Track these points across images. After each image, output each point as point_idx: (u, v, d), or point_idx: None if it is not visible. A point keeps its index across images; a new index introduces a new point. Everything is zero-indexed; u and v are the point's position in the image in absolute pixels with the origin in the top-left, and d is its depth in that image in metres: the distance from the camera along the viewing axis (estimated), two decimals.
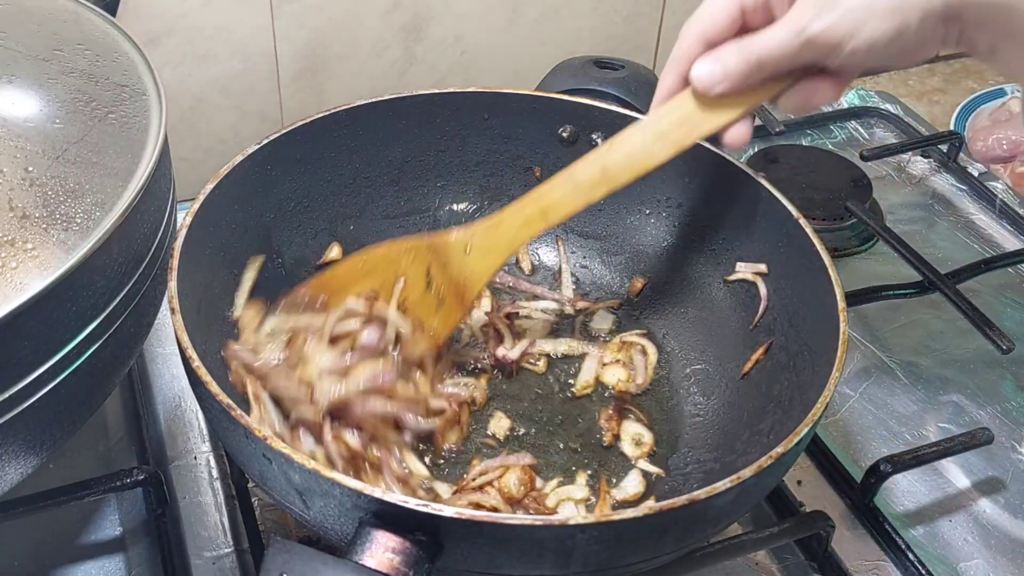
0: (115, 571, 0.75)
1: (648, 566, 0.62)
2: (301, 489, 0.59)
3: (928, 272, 0.96)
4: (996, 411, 0.90)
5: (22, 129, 0.66)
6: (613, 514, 0.56)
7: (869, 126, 1.25)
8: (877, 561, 0.77)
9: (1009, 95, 1.30)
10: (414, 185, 0.91)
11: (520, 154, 0.92)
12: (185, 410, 0.85)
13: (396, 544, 0.54)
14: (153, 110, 0.70)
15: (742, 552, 0.74)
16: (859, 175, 1.10)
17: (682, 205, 0.88)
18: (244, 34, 1.06)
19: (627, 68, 0.97)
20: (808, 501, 0.80)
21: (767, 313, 0.80)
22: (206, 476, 0.80)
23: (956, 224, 1.11)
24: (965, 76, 1.39)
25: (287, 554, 0.54)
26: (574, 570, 0.58)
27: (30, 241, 0.60)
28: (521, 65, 1.19)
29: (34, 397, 0.59)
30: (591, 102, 0.89)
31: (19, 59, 0.71)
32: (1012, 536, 0.80)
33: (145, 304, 0.68)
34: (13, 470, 0.64)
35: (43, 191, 0.63)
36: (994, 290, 1.01)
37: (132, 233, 0.64)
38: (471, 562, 0.58)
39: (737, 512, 0.65)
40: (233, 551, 0.75)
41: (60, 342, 0.60)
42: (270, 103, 1.13)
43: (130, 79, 0.72)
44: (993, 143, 1.22)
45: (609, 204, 0.92)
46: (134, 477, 0.74)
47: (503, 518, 0.57)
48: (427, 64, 1.17)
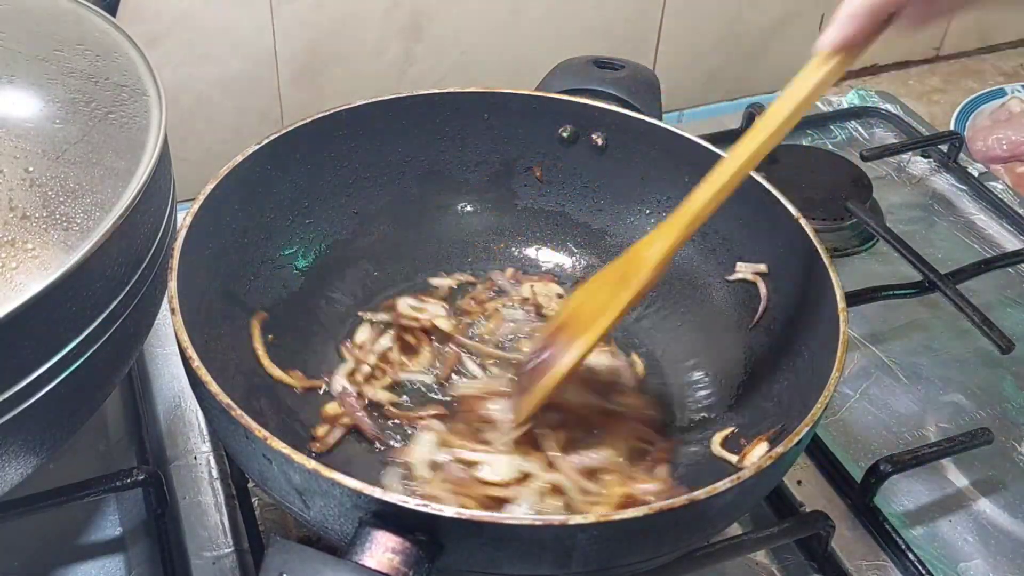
0: (115, 571, 0.75)
1: (648, 566, 0.62)
2: (301, 489, 0.59)
3: (928, 272, 0.96)
4: (996, 411, 0.90)
5: (22, 129, 0.66)
6: (613, 514, 0.56)
7: (869, 126, 1.25)
8: (877, 561, 0.77)
9: (1009, 95, 1.30)
10: (414, 185, 0.91)
11: (520, 154, 0.92)
12: (185, 410, 0.85)
13: (396, 544, 0.54)
14: (153, 110, 0.70)
15: (742, 552, 0.74)
16: (859, 175, 1.10)
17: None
18: (244, 34, 1.06)
19: (627, 68, 0.97)
20: (808, 501, 0.80)
21: (767, 313, 0.81)
22: (206, 476, 0.80)
23: (956, 224, 1.11)
24: (965, 76, 1.39)
25: (287, 554, 0.53)
26: (574, 570, 0.58)
27: (30, 241, 0.60)
28: (521, 65, 1.19)
29: (34, 397, 0.59)
30: (591, 102, 0.89)
31: (19, 59, 0.71)
32: (1012, 536, 0.80)
33: (145, 304, 0.68)
34: (13, 470, 0.64)
35: (43, 191, 0.63)
36: (994, 290, 1.01)
37: (132, 233, 0.64)
38: (471, 562, 0.58)
39: (737, 512, 0.65)
40: (233, 551, 0.75)
41: (60, 342, 0.60)
42: (270, 103, 1.13)
43: (130, 79, 0.72)
44: (993, 143, 1.22)
45: (609, 204, 0.92)
46: (134, 477, 0.74)
47: (503, 518, 0.57)
48: (427, 64, 1.17)
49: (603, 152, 0.90)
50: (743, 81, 1.32)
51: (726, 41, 1.27)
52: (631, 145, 0.88)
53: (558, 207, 0.93)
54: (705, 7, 1.22)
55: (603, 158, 0.90)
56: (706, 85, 1.31)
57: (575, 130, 0.90)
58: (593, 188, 0.92)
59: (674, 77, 1.23)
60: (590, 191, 0.92)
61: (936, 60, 1.42)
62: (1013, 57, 1.43)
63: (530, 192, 0.93)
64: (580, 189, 0.92)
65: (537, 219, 0.94)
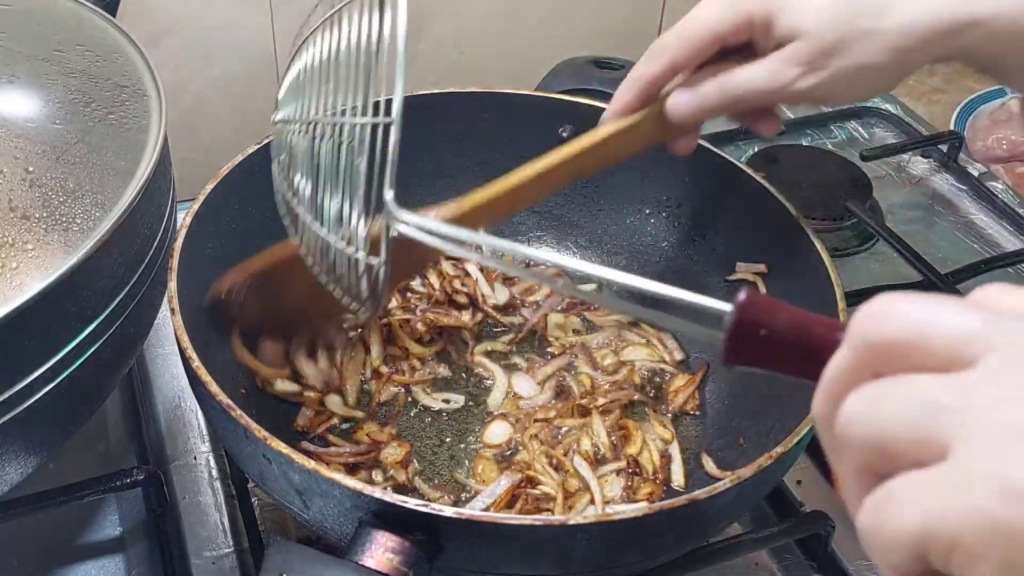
0: (115, 571, 0.75)
1: (648, 566, 0.62)
2: (301, 489, 0.59)
3: (928, 272, 0.96)
4: None
5: (22, 129, 0.66)
6: (613, 514, 0.56)
7: (869, 126, 1.24)
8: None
9: (1009, 95, 1.29)
10: (414, 185, 0.91)
11: (520, 154, 0.91)
12: (185, 410, 0.85)
13: (396, 544, 0.54)
14: (153, 110, 0.70)
15: (742, 552, 0.74)
16: (859, 175, 1.10)
17: (682, 205, 0.88)
18: (244, 34, 1.06)
19: (627, 68, 0.97)
20: (808, 501, 0.80)
21: None
22: (206, 476, 0.80)
23: (956, 224, 1.11)
24: (965, 76, 1.39)
25: (287, 554, 0.54)
26: (574, 570, 0.58)
27: (30, 242, 0.60)
28: (521, 65, 1.19)
29: (34, 397, 0.59)
30: (591, 102, 0.88)
31: (19, 59, 0.71)
32: None
33: (145, 304, 0.68)
34: (13, 470, 0.64)
35: (43, 191, 0.63)
36: None
37: (132, 233, 0.64)
38: (471, 562, 0.58)
39: (737, 512, 0.65)
40: (233, 551, 0.75)
41: (60, 342, 0.60)
42: (270, 103, 1.13)
43: (130, 79, 0.72)
44: (993, 143, 1.22)
45: (609, 204, 0.92)
46: (134, 477, 0.74)
47: (503, 518, 0.57)
48: (427, 64, 1.16)
49: None
50: None
51: None
52: None
53: (558, 207, 0.93)
54: None
55: None
56: None
57: (575, 130, 0.89)
58: (593, 188, 0.92)
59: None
60: (590, 191, 0.92)
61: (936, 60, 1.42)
62: None
63: None
64: (580, 189, 0.92)
65: (537, 219, 0.94)
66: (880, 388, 0.34)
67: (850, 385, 0.35)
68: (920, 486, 0.31)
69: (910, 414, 0.32)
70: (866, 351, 0.35)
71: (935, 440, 0.32)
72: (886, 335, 0.34)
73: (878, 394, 0.34)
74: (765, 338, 0.39)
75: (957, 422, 0.31)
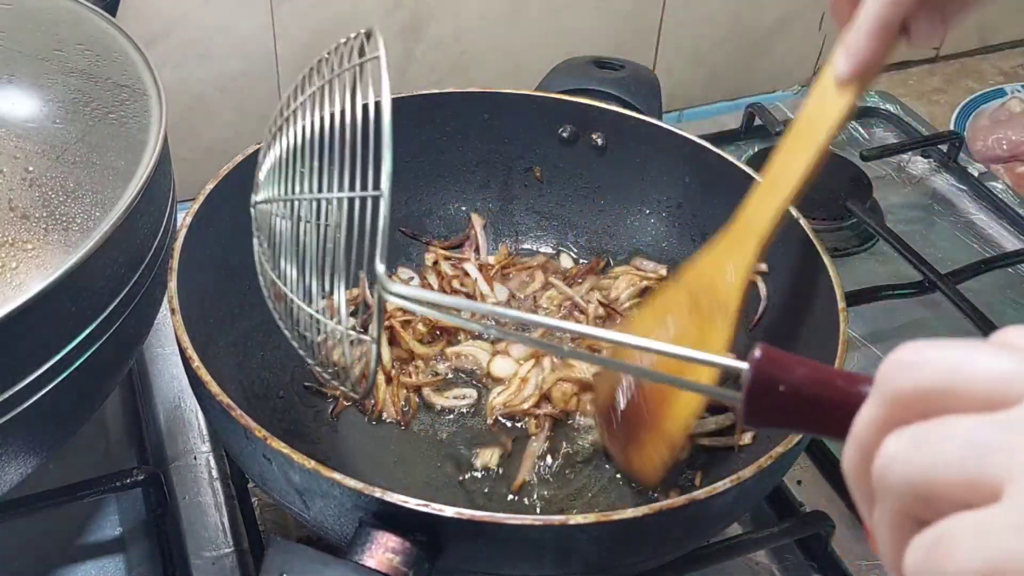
0: (115, 571, 0.75)
1: (648, 566, 0.62)
2: (301, 489, 0.59)
3: (928, 272, 0.96)
4: None
5: (22, 129, 0.66)
6: (613, 514, 0.56)
7: (869, 126, 1.24)
8: (877, 561, 0.77)
9: (1009, 95, 1.29)
10: (414, 185, 0.91)
11: (520, 154, 0.92)
12: (185, 410, 0.85)
13: (396, 544, 0.54)
14: (153, 110, 0.70)
15: (742, 552, 0.74)
16: (859, 175, 1.10)
17: (682, 205, 0.88)
18: (244, 34, 1.06)
19: (627, 68, 0.97)
20: (808, 501, 0.80)
21: (767, 313, 0.80)
22: (206, 476, 0.80)
23: (956, 224, 1.11)
24: (965, 76, 1.39)
25: (287, 554, 0.54)
26: (574, 570, 0.58)
27: (30, 241, 0.60)
28: (521, 65, 1.19)
29: (34, 397, 0.59)
30: (591, 102, 0.89)
31: (19, 59, 0.71)
32: None
33: (145, 304, 0.68)
34: (13, 470, 0.64)
35: (43, 191, 0.63)
36: (994, 290, 1.01)
37: (132, 233, 0.64)
38: (471, 562, 0.58)
39: (737, 512, 0.65)
40: (233, 551, 0.75)
41: (60, 342, 0.60)
42: (270, 103, 1.12)
43: (130, 79, 0.72)
44: (993, 143, 1.22)
45: (609, 204, 0.92)
46: (134, 477, 0.74)
47: (503, 518, 0.57)
48: (427, 64, 1.16)
49: (603, 152, 0.90)
50: (743, 81, 1.32)
51: (726, 41, 1.27)
52: (631, 145, 0.88)
53: (558, 207, 0.93)
54: (705, 7, 1.22)
55: (603, 158, 0.90)
56: (706, 85, 1.31)
57: (575, 130, 0.90)
58: (593, 188, 0.92)
59: (674, 77, 1.23)
60: (590, 191, 0.92)
61: (936, 60, 1.42)
62: (1013, 57, 1.43)
63: (530, 192, 0.93)
64: (580, 189, 0.92)
65: (537, 219, 0.94)
66: (921, 430, 0.33)
67: (883, 436, 0.34)
68: (978, 527, 0.30)
69: (957, 454, 0.31)
70: (897, 402, 0.34)
71: (985, 481, 0.31)
72: (920, 384, 0.33)
73: (919, 436, 0.33)
74: (784, 394, 0.39)
75: (1009, 462, 0.31)
